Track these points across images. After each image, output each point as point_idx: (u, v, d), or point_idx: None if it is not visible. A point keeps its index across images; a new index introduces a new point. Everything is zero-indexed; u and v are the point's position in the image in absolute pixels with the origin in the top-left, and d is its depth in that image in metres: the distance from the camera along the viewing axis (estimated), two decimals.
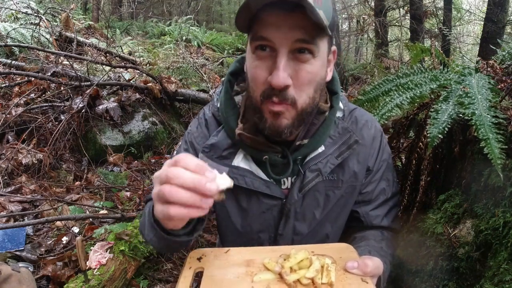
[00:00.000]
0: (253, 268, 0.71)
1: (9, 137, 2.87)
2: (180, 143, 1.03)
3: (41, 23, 4.50)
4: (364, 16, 7.71)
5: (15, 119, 2.90)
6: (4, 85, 3.39)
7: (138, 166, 3.09)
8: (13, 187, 2.44)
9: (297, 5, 0.65)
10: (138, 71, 3.89)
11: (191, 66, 4.34)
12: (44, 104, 3.15)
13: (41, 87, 3.32)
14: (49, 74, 3.21)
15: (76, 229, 2.11)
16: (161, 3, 9.92)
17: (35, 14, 4.85)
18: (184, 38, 6.73)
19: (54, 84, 3.29)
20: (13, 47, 4.16)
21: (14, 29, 4.41)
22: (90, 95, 3.06)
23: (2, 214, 2.12)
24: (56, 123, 2.98)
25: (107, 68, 3.78)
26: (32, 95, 3.27)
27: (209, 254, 0.76)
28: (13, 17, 5.15)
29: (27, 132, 2.87)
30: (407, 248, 0.98)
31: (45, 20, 4.78)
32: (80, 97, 3.07)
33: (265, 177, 0.88)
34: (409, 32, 6.61)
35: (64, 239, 2.02)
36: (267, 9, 0.68)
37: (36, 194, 2.41)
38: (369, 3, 7.82)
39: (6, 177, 2.53)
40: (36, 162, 2.68)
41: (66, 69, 3.33)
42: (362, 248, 0.86)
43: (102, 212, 2.26)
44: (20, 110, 2.94)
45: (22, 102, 3.12)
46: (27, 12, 5.11)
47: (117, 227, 1.86)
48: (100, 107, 3.16)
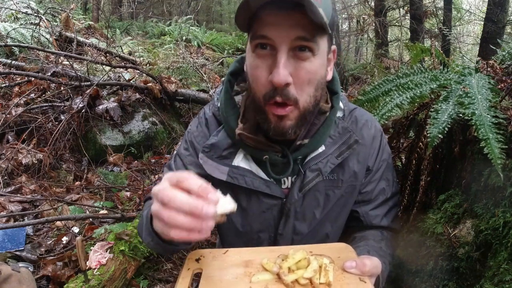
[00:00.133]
0: (251, 269, 0.71)
1: (9, 137, 2.87)
2: (180, 142, 1.03)
3: (41, 23, 4.49)
4: (364, 16, 7.71)
5: (15, 119, 2.89)
6: (4, 85, 3.39)
7: (138, 166, 3.09)
8: (13, 187, 2.44)
9: (296, 4, 0.65)
10: (138, 71, 3.89)
11: (191, 66, 4.34)
12: (44, 104, 3.15)
13: (41, 87, 3.31)
14: (49, 74, 3.21)
15: (76, 229, 2.11)
16: (161, 3, 9.92)
17: (35, 14, 4.85)
18: (184, 38, 6.73)
19: (54, 84, 3.29)
20: (13, 47, 4.15)
21: (14, 29, 4.41)
22: (90, 95, 3.06)
23: (2, 214, 2.12)
24: (56, 123, 2.98)
25: (107, 68, 3.78)
26: (32, 95, 3.27)
27: (207, 255, 0.76)
28: (13, 17, 5.15)
29: (27, 132, 2.87)
30: (407, 248, 0.98)
31: (45, 20, 4.78)
32: (80, 97, 3.07)
33: (265, 177, 0.88)
34: (409, 32, 6.61)
35: (64, 239, 2.02)
36: (267, 7, 0.68)
37: (36, 194, 2.41)
38: (369, 3, 7.81)
39: (6, 177, 2.53)
40: (36, 162, 2.68)
41: (66, 69, 3.33)
42: (361, 248, 0.86)
43: (102, 212, 2.25)
44: (20, 110, 2.93)
45: (22, 102, 3.12)
46: (27, 12, 5.11)
47: (117, 227, 1.86)
48: (100, 107, 3.16)
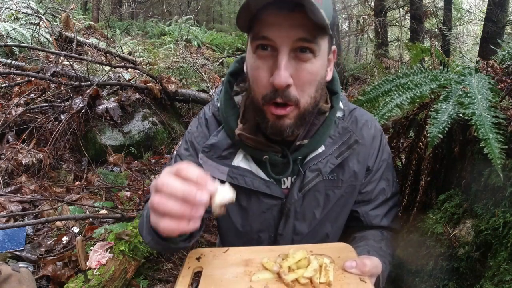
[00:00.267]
0: (251, 268, 0.71)
1: (9, 137, 2.87)
2: (180, 143, 1.03)
3: (41, 23, 4.49)
4: (364, 16, 7.71)
5: (15, 119, 2.89)
6: (4, 85, 3.39)
7: (138, 166, 3.09)
8: (13, 187, 2.44)
9: (297, 4, 0.65)
10: (138, 71, 3.89)
11: (191, 66, 4.34)
12: (44, 104, 3.15)
13: (41, 87, 3.31)
14: (49, 74, 3.21)
15: (76, 229, 2.11)
16: (161, 3, 9.92)
17: (35, 14, 4.85)
18: (184, 38, 6.73)
19: (54, 84, 3.28)
20: (13, 47, 4.15)
21: (14, 29, 4.41)
22: (90, 95, 3.06)
23: (2, 214, 2.12)
24: (56, 123, 2.98)
25: (107, 68, 3.78)
26: (32, 95, 3.27)
27: (208, 253, 0.76)
28: (13, 17, 5.15)
29: (27, 132, 2.87)
30: (407, 248, 0.98)
31: (45, 20, 4.78)
32: (80, 97, 3.07)
33: (265, 177, 0.88)
34: (409, 32, 6.61)
35: (64, 239, 2.02)
36: (268, 8, 0.68)
37: (36, 194, 2.41)
38: (369, 3, 7.82)
39: (6, 177, 2.53)
40: (36, 162, 2.68)
41: (66, 69, 3.33)
42: (361, 248, 0.86)
43: (102, 212, 2.25)
44: (20, 110, 2.93)
45: (22, 102, 3.11)
46: (27, 12, 5.11)
47: (117, 227, 1.86)
48: (100, 107, 3.16)
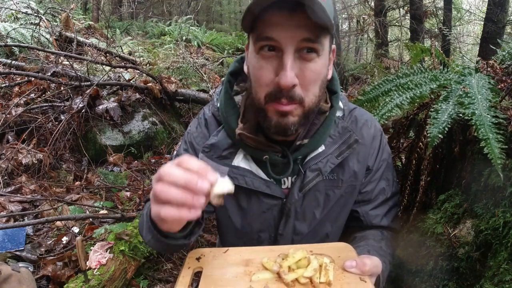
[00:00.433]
0: (251, 268, 0.71)
1: (9, 137, 2.87)
2: (180, 143, 1.03)
3: (41, 23, 4.49)
4: (364, 16, 7.71)
5: (15, 119, 2.89)
6: (4, 85, 3.39)
7: (138, 166, 3.09)
8: (13, 187, 2.44)
9: (297, 4, 0.65)
10: (138, 71, 3.89)
11: (191, 66, 4.34)
12: (44, 104, 3.15)
13: (41, 87, 3.32)
14: (49, 74, 3.21)
15: (76, 229, 2.11)
16: (161, 3, 9.92)
17: (35, 14, 4.85)
18: (184, 38, 6.72)
19: (54, 84, 3.28)
20: (13, 47, 4.15)
21: (14, 29, 4.41)
22: (90, 95, 3.06)
23: (2, 214, 2.12)
24: (56, 123, 2.98)
25: (107, 68, 3.78)
26: (32, 95, 3.27)
27: (208, 254, 0.76)
28: (13, 17, 5.15)
29: (27, 132, 2.87)
30: (407, 248, 0.98)
31: (45, 20, 4.78)
32: (80, 97, 3.07)
33: (265, 177, 0.88)
34: (409, 32, 6.61)
35: (64, 239, 2.02)
36: (270, 9, 0.68)
37: (36, 194, 2.41)
38: (369, 3, 7.82)
39: (6, 177, 2.53)
40: (36, 162, 2.68)
41: (66, 69, 3.33)
42: (361, 248, 0.86)
43: (102, 212, 2.25)
44: (20, 110, 2.93)
45: (22, 102, 3.12)
46: (27, 12, 5.11)
47: (117, 227, 1.86)
48: (100, 107, 3.16)
